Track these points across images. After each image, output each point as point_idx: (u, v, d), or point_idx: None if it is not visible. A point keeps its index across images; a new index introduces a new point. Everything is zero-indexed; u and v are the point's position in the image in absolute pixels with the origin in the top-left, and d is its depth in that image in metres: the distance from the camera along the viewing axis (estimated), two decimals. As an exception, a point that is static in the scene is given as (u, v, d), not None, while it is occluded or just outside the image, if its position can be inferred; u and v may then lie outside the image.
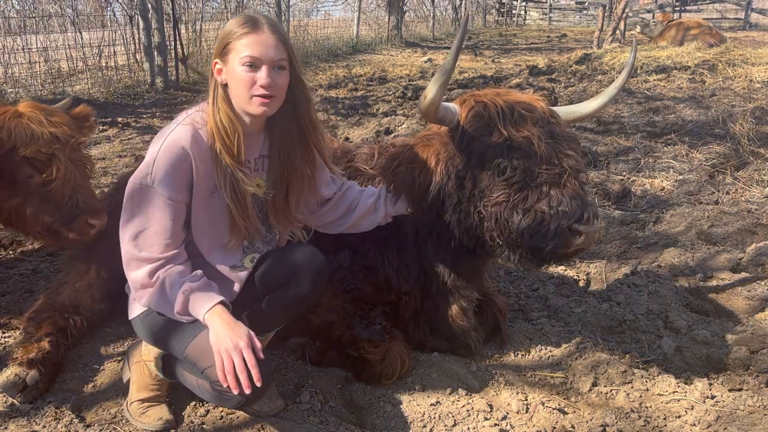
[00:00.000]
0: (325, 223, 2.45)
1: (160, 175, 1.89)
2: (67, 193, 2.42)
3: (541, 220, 2.09)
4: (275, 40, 1.91)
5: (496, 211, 2.18)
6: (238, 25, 1.92)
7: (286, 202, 2.17)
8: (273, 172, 2.13)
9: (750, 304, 3.09)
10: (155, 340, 2.11)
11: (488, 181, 2.20)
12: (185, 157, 1.91)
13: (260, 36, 1.89)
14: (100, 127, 7.21)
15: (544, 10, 30.21)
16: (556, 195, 2.09)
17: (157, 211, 1.91)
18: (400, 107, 8.13)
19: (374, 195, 2.44)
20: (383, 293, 2.57)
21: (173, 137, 1.92)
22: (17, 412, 2.22)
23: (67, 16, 10.33)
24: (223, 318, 1.88)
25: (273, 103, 1.95)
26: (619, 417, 2.20)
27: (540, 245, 2.12)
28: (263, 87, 1.89)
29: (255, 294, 2.20)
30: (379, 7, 21.14)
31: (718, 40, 12.25)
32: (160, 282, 1.94)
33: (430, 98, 2.13)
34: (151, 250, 1.93)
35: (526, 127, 2.14)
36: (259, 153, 2.14)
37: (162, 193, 1.90)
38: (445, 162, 2.32)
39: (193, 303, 1.92)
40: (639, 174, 5.26)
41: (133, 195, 1.93)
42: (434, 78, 2.12)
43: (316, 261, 2.19)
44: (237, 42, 1.90)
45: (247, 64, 1.89)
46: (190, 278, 1.95)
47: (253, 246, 2.20)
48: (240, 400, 1.93)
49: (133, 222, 1.93)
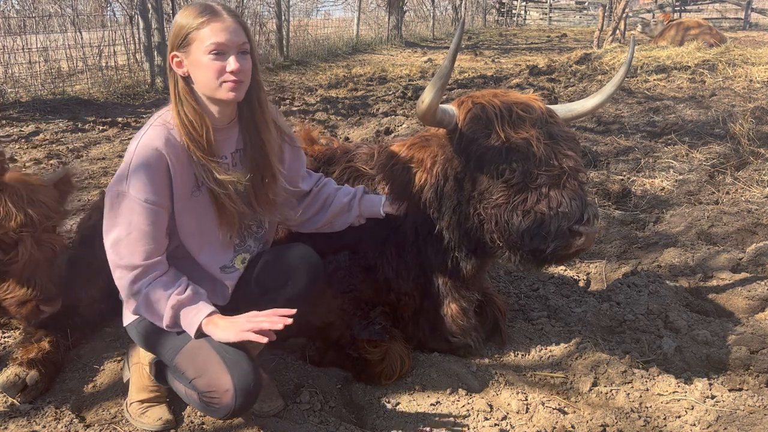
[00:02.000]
0: (300, 221, 2.44)
1: (135, 179, 1.87)
2: (25, 276, 2.27)
3: (541, 221, 2.09)
4: (236, 25, 1.90)
5: (495, 213, 2.18)
6: (195, 15, 1.89)
7: (266, 187, 2.15)
8: (249, 161, 2.10)
9: (750, 304, 3.09)
10: (147, 345, 2.11)
11: (487, 183, 2.20)
12: (160, 158, 1.89)
13: (223, 23, 1.87)
14: (99, 127, 7.22)
15: (544, 10, 30.21)
16: (555, 196, 2.08)
17: (135, 216, 1.89)
18: (400, 107, 8.13)
19: (350, 194, 2.44)
20: (383, 294, 2.57)
21: (145, 140, 1.91)
22: (17, 412, 2.22)
23: (67, 16, 10.33)
24: (221, 321, 1.89)
25: (242, 87, 1.94)
26: (619, 417, 2.20)
27: (540, 246, 2.12)
28: (233, 73, 1.88)
29: (251, 296, 2.19)
30: (379, 7, 21.14)
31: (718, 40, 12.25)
32: (144, 296, 1.92)
33: (428, 102, 2.13)
34: (132, 258, 1.90)
35: (525, 128, 2.14)
36: (235, 147, 2.12)
37: (139, 198, 1.87)
38: (442, 164, 2.32)
39: (184, 317, 1.92)
40: (639, 174, 5.26)
41: (112, 204, 1.91)
42: (431, 82, 2.11)
43: (312, 260, 2.19)
44: (199, 31, 1.87)
45: (214, 52, 1.86)
46: (176, 290, 1.93)
47: (244, 244, 2.20)
48: (228, 410, 1.91)
49: (113, 229, 1.92)
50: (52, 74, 9.17)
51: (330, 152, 2.80)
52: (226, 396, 1.87)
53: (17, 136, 6.77)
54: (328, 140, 2.94)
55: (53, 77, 9.13)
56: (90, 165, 5.77)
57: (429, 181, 2.35)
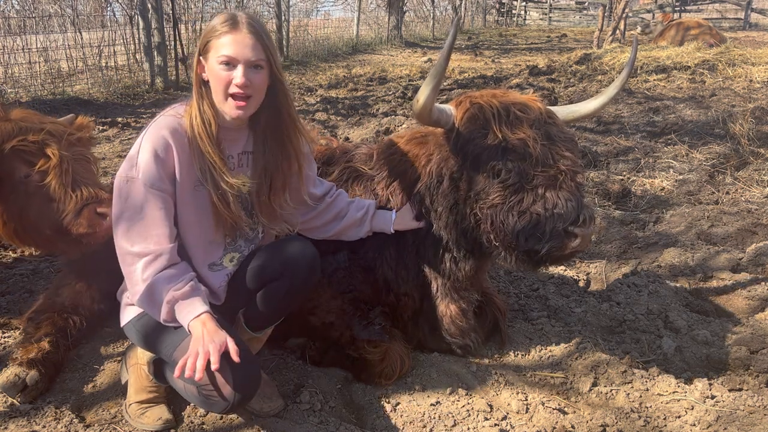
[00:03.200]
0: (310, 227, 2.44)
1: (143, 165, 1.89)
2: (67, 183, 2.26)
3: (536, 222, 2.08)
4: (253, 40, 1.90)
5: (491, 213, 2.18)
6: (220, 22, 1.91)
7: (270, 198, 2.16)
8: (257, 168, 2.12)
9: (750, 304, 3.09)
10: (146, 343, 2.11)
11: (484, 183, 2.20)
12: (167, 146, 1.91)
13: (237, 35, 1.88)
14: (99, 127, 7.22)
15: (544, 10, 30.20)
16: (551, 197, 2.08)
17: (146, 202, 1.91)
18: (400, 107, 8.13)
19: (363, 209, 2.46)
20: (382, 294, 2.57)
21: (155, 128, 1.94)
22: (17, 412, 2.22)
23: (67, 16, 10.34)
24: (207, 326, 1.86)
25: (249, 105, 1.95)
26: (619, 417, 2.20)
27: (535, 247, 2.11)
28: (238, 86, 1.89)
29: (248, 291, 2.20)
30: (379, 7, 21.15)
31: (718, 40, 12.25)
32: (149, 285, 1.92)
33: (423, 102, 2.13)
34: (144, 244, 1.92)
35: (522, 128, 2.14)
36: (242, 149, 2.13)
37: (148, 184, 1.90)
38: (437, 164, 2.33)
39: (179, 311, 1.92)
40: (639, 174, 5.26)
41: (121, 189, 1.93)
42: (426, 81, 2.11)
43: (308, 253, 2.19)
44: (216, 40, 1.90)
45: (224, 63, 1.88)
46: (175, 285, 1.93)
47: (234, 244, 2.19)
48: (226, 405, 1.91)
49: (123, 216, 1.93)
50: (51, 74, 9.18)
51: (329, 152, 2.80)
52: (225, 390, 1.87)
53: (17, 136, 6.76)
54: (328, 140, 2.94)
55: (53, 77, 9.14)
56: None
57: (422, 179, 2.37)
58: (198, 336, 1.83)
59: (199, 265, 2.11)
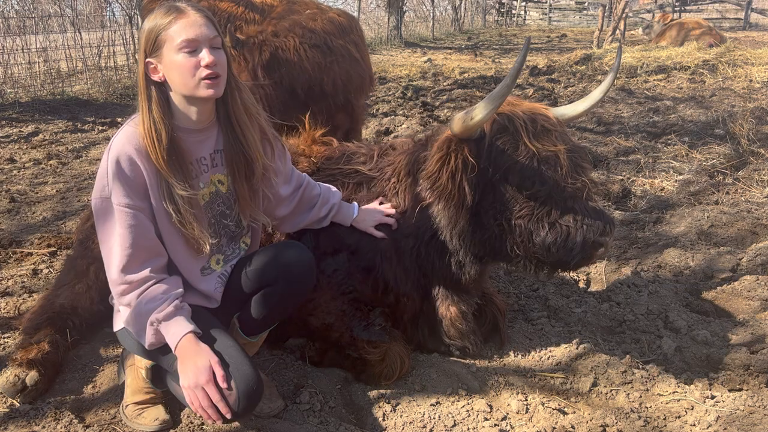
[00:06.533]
0: (281, 216, 2.41)
1: (114, 185, 1.86)
2: None
3: (567, 234, 2.14)
4: (204, 19, 1.88)
5: (519, 224, 2.22)
6: (161, 16, 1.88)
7: (250, 189, 2.13)
8: (231, 162, 2.08)
9: (750, 304, 3.09)
10: (143, 351, 2.05)
11: (511, 193, 2.22)
12: (131, 161, 1.87)
13: (188, 19, 1.86)
14: (99, 128, 7.22)
15: (544, 10, 30.19)
16: (579, 209, 2.14)
17: (118, 222, 1.87)
18: (400, 107, 8.13)
19: (328, 206, 2.47)
20: (382, 295, 2.57)
21: (117, 144, 1.89)
22: (17, 413, 2.22)
23: (67, 17, 10.32)
24: (187, 350, 1.86)
25: (220, 83, 1.91)
26: (619, 417, 2.20)
27: (565, 259, 2.18)
28: (208, 66, 1.85)
29: (244, 294, 2.19)
30: (379, 7, 21.15)
31: (719, 40, 12.26)
32: (132, 311, 1.91)
33: (478, 120, 2.12)
34: (121, 269, 1.89)
35: (551, 140, 2.18)
36: (214, 148, 2.08)
37: (116, 202, 1.87)
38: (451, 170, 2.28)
39: (165, 333, 1.91)
40: (639, 174, 5.25)
41: (98, 211, 1.91)
42: (487, 100, 2.08)
43: (305, 258, 2.19)
44: (167, 31, 1.85)
45: (185, 49, 1.85)
46: (159, 307, 1.89)
47: (218, 245, 2.16)
48: (231, 415, 1.89)
49: (104, 238, 1.91)
50: (51, 75, 9.17)
51: (329, 152, 2.80)
52: (230, 399, 1.86)
53: (17, 136, 6.77)
54: (328, 140, 2.94)
55: (53, 78, 9.14)
56: (90, 166, 5.77)
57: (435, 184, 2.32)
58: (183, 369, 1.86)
59: (190, 272, 2.09)
